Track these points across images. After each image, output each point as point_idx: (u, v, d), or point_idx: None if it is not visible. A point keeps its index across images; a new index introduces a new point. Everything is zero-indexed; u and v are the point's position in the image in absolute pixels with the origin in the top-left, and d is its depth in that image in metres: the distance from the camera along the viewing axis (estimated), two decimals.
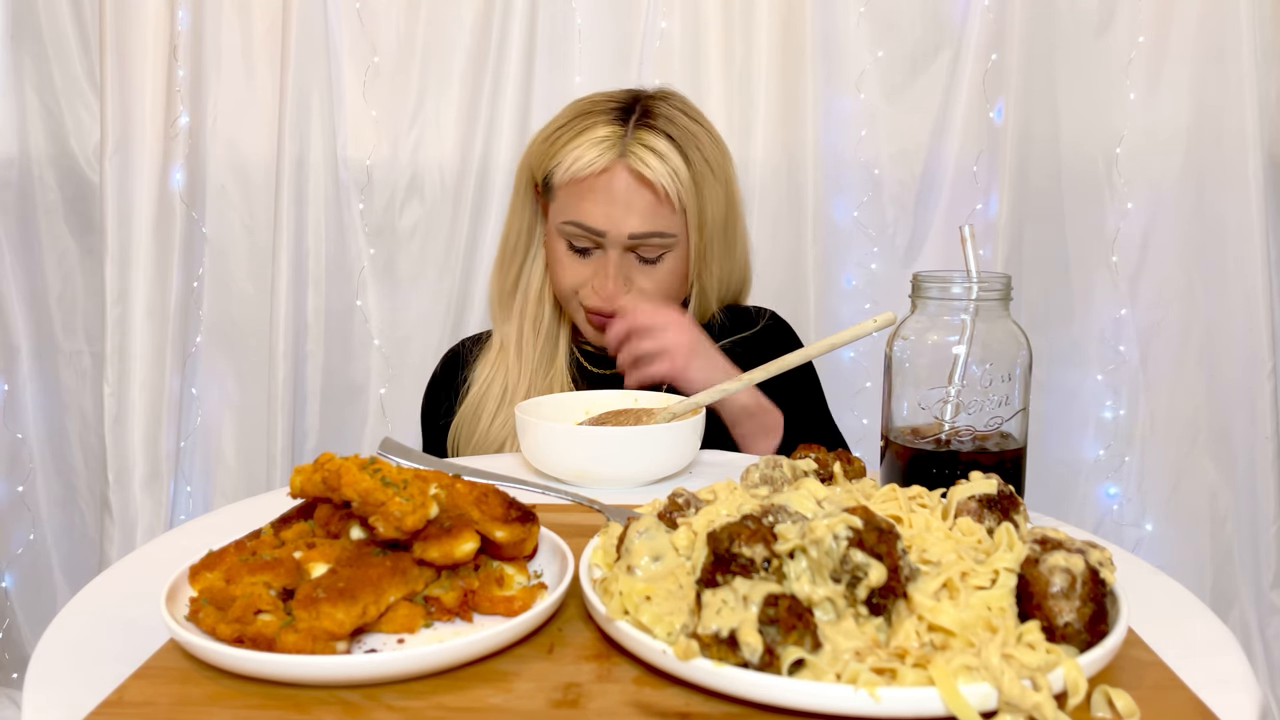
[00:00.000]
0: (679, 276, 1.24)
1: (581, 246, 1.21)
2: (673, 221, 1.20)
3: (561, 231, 1.22)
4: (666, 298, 1.23)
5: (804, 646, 0.47)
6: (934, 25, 1.69)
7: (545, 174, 1.23)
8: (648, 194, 1.18)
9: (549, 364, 1.26)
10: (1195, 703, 0.49)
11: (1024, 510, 0.63)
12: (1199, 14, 1.65)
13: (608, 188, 1.18)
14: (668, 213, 1.19)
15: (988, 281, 0.75)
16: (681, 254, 1.23)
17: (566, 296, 1.24)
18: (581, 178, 1.19)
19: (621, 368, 1.15)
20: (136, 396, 1.74)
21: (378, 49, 1.73)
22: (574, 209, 1.19)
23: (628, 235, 1.18)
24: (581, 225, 1.19)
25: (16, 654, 1.85)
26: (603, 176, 1.18)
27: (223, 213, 1.78)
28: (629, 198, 1.18)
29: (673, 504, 0.63)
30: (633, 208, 1.18)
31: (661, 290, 1.22)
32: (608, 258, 1.19)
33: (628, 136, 1.19)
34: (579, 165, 1.18)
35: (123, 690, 0.50)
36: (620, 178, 1.18)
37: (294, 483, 0.62)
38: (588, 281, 1.21)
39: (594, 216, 1.18)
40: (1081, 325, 1.75)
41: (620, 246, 1.19)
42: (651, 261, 1.21)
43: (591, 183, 1.18)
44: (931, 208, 1.72)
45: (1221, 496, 1.72)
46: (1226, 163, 1.65)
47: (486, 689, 0.50)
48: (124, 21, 1.68)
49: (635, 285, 1.21)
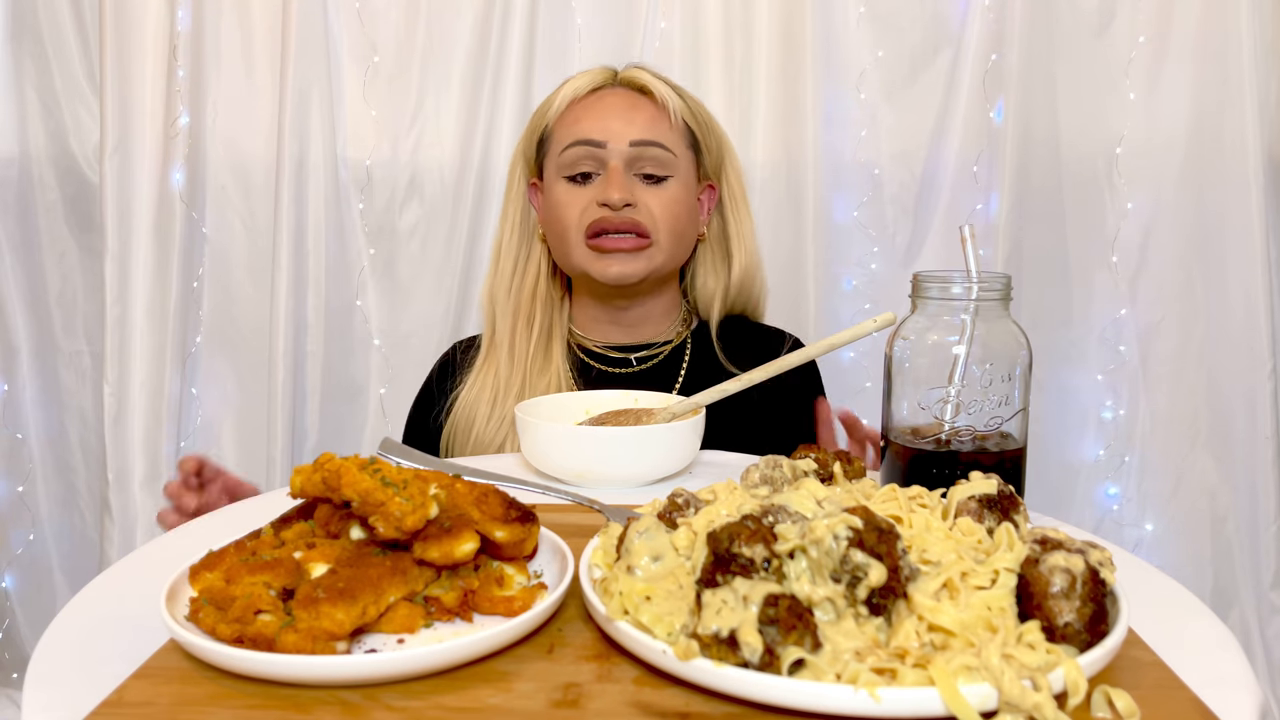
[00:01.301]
0: (685, 209, 1.20)
1: (582, 171, 1.18)
2: (673, 138, 1.19)
3: (560, 165, 1.19)
4: (675, 230, 1.19)
5: (804, 646, 0.47)
6: (934, 25, 1.69)
7: (540, 131, 1.22)
8: (646, 104, 1.18)
9: (544, 363, 1.23)
10: (1195, 703, 0.49)
11: (1024, 510, 0.63)
12: (1199, 14, 1.65)
13: (604, 102, 1.18)
14: (666, 127, 1.18)
15: (988, 281, 0.75)
16: (685, 186, 1.20)
17: (569, 233, 1.18)
18: (579, 98, 1.19)
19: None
20: (136, 396, 1.74)
21: (378, 49, 1.73)
22: (572, 131, 1.18)
23: (629, 142, 1.16)
24: (581, 141, 1.16)
25: (16, 654, 1.85)
26: (598, 93, 1.19)
27: (223, 213, 1.78)
28: (627, 110, 1.17)
29: (672, 504, 0.63)
30: (632, 120, 1.17)
31: (668, 216, 1.18)
32: (609, 170, 1.16)
33: (624, 71, 1.23)
34: (574, 89, 1.20)
35: (123, 690, 0.50)
36: (617, 93, 1.19)
37: (294, 483, 0.62)
38: (591, 203, 1.17)
39: (593, 130, 1.16)
40: (1081, 325, 1.75)
41: (622, 158, 1.16)
42: (657, 180, 1.18)
43: (588, 101, 1.19)
44: (931, 208, 1.72)
45: (1221, 496, 1.72)
46: (1226, 163, 1.65)
47: (486, 689, 0.50)
48: (124, 21, 1.68)
49: (640, 201, 1.17)
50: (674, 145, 1.18)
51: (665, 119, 1.18)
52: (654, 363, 1.25)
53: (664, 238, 1.18)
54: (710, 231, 1.28)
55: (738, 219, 1.28)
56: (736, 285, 1.28)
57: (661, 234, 1.17)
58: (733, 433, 1.16)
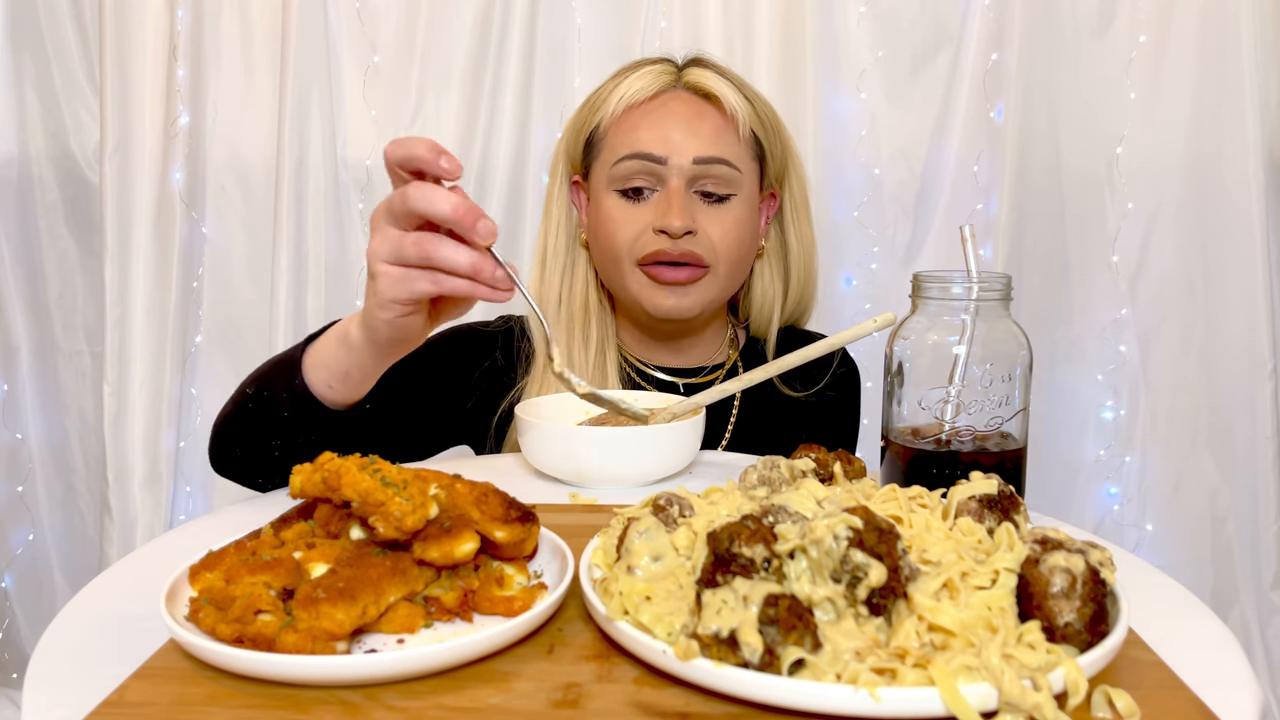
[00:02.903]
0: (748, 231, 1.09)
1: (637, 187, 1.06)
2: (739, 152, 1.06)
3: (613, 177, 1.06)
4: (736, 256, 1.08)
5: (804, 646, 0.47)
6: (934, 25, 1.70)
7: (590, 131, 1.10)
8: (711, 114, 1.06)
9: (601, 380, 1.13)
10: (1195, 703, 0.49)
11: (1024, 510, 0.63)
12: (1199, 14, 1.65)
13: (665, 109, 1.05)
14: (733, 140, 1.06)
15: (988, 281, 0.75)
16: (748, 204, 1.08)
17: (620, 256, 1.07)
18: (637, 103, 1.06)
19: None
20: (136, 396, 1.74)
21: (378, 49, 1.73)
22: (628, 142, 1.05)
23: (691, 160, 1.04)
24: (638, 154, 1.04)
25: (16, 654, 1.86)
26: (659, 99, 1.06)
27: (223, 213, 1.79)
28: (691, 121, 1.05)
29: (655, 506, 0.62)
30: (697, 132, 1.04)
31: (729, 243, 1.06)
32: (669, 190, 1.04)
33: (683, 70, 1.10)
34: (632, 93, 1.06)
35: (123, 690, 0.50)
36: (680, 98, 1.06)
37: (294, 483, 0.62)
38: (647, 227, 1.05)
39: (652, 142, 1.04)
40: (1081, 325, 1.75)
41: (684, 177, 1.04)
42: (719, 200, 1.06)
43: (647, 108, 1.06)
44: (931, 208, 1.72)
45: (1221, 496, 1.73)
46: (1226, 163, 1.65)
47: (486, 689, 0.50)
48: (124, 21, 1.68)
49: (700, 228, 1.05)
50: (739, 159, 1.07)
51: (732, 130, 1.07)
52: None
53: (723, 266, 1.07)
54: (769, 243, 1.18)
55: (799, 230, 1.17)
56: (794, 301, 1.19)
57: (721, 263, 1.07)
58: (767, 442, 1.14)
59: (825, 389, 1.18)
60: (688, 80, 1.09)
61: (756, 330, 1.21)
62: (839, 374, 1.21)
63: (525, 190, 1.74)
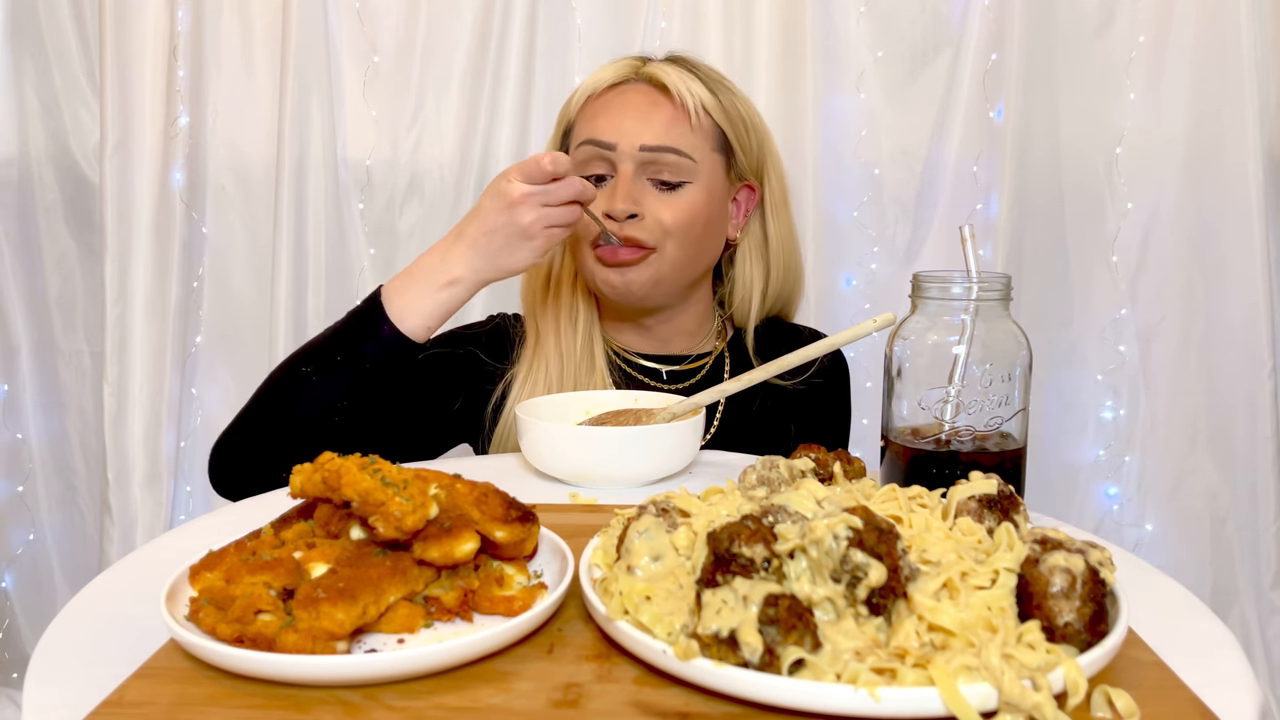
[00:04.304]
0: (704, 215, 1.11)
1: (597, 174, 1.10)
2: (692, 141, 1.10)
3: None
4: (688, 239, 1.10)
5: (804, 646, 0.47)
6: (934, 25, 1.69)
7: (567, 123, 1.16)
8: (665, 105, 1.10)
9: (590, 363, 1.16)
10: (1195, 703, 0.49)
11: (1024, 510, 0.63)
12: (1199, 14, 1.65)
13: (621, 99, 1.11)
14: (686, 130, 1.09)
15: (988, 281, 0.75)
16: (707, 192, 1.11)
17: (580, 239, 1.12)
18: (597, 93, 1.12)
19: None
20: (136, 396, 1.74)
21: (378, 49, 1.73)
22: (586, 129, 1.11)
23: (639, 146, 1.08)
24: (592, 140, 1.09)
25: (16, 654, 1.86)
26: (617, 89, 1.12)
27: (223, 213, 1.79)
28: (644, 110, 1.09)
29: (656, 508, 0.62)
30: (647, 120, 1.09)
31: (681, 224, 1.09)
32: (619, 175, 1.09)
33: (649, 64, 1.14)
34: (593, 83, 1.13)
35: (123, 690, 0.50)
36: (636, 89, 1.12)
37: (294, 483, 0.62)
38: (599, 212, 1.09)
39: (605, 129, 1.09)
40: (1081, 325, 1.75)
41: (633, 162, 1.08)
42: (671, 187, 1.09)
43: (606, 98, 1.12)
44: (931, 208, 1.72)
45: (1221, 496, 1.73)
46: (1226, 163, 1.65)
47: (486, 689, 0.50)
48: (124, 21, 1.68)
49: (649, 211, 1.09)
50: (694, 149, 1.10)
51: (685, 121, 1.10)
52: (695, 380, 1.18)
53: (670, 245, 1.10)
54: (750, 235, 1.20)
55: (778, 221, 1.20)
56: (774, 292, 1.22)
57: (669, 243, 1.10)
58: (760, 435, 1.15)
59: (812, 377, 1.20)
60: (645, 72, 1.13)
61: (739, 320, 1.23)
62: (825, 362, 1.22)
63: None
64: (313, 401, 0.99)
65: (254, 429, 1.01)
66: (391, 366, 1.01)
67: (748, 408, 1.18)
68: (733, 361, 1.21)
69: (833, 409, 1.25)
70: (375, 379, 1.00)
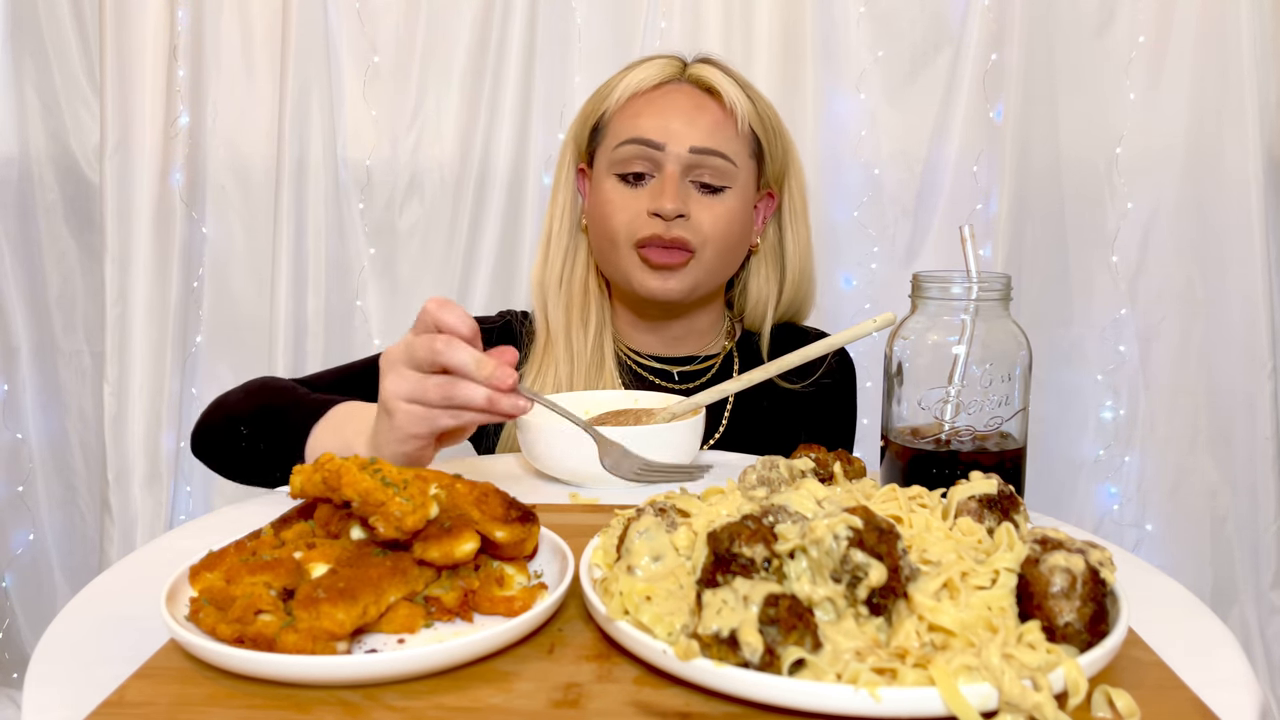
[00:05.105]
0: (739, 223, 1.12)
1: (636, 172, 1.10)
2: (736, 147, 1.11)
3: (613, 161, 1.11)
4: (725, 245, 1.11)
5: (804, 646, 0.47)
6: (934, 25, 1.70)
7: (597, 118, 1.14)
8: (712, 108, 1.10)
9: (599, 362, 1.16)
10: (1195, 703, 0.49)
11: (1024, 510, 0.63)
12: (1199, 14, 1.65)
13: (666, 99, 1.10)
14: (731, 134, 1.10)
15: (988, 281, 0.75)
16: (743, 198, 1.12)
17: (617, 238, 1.10)
18: (641, 92, 1.11)
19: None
20: (136, 396, 1.74)
21: (378, 49, 1.73)
22: (629, 127, 1.10)
23: (689, 149, 1.08)
24: (638, 139, 1.08)
25: (16, 654, 1.86)
26: (662, 89, 1.11)
27: (222, 213, 1.79)
28: (690, 112, 1.09)
29: (655, 509, 0.62)
30: (694, 122, 1.09)
31: (720, 232, 1.10)
32: (665, 175, 1.08)
33: (689, 66, 1.14)
34: (638, 81, 1.11)
35: (123, 690, 0.50)
36: (682, 90, 1.11)
37: (294, 483, 0.62)
38: (642, 211, 1.08)
39: (652, 129, 1.08)
40: (1081, 325, 1.75)
41: (679, 163, 1.08)
42: (713, 191, 1.10)
43: (650, 96, 1.11)
44: (931, 208, 1.72)
45: (1221, 496, 1.73)
46: (1226, 162, 1.65)
47: (486, 689, 0.50)
48: (124, 21, 1.68)
49: (692, 213, 1.09)
50: (736, 154, 1.10)
51: (731, 125, 1.11)
52: (703, 380, 1.19)
53: (709, 252, 1.10)
54: (765, 241, 1.20)
55: (795, 231, 1.20)
56: (789, 299, 1.22)
57: (707, 248, 1.10)
58: (768, 435, 1.14)
59: (821, 378, 1.20)
60: (692, 74, 1.13)
61: (751, 325, 1.23)
62: (833, 364, 1.23)
63: (525, 190, 1.74)
64: (247, 457, 0.94)
65: (221, 437, 0.97)
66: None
67: (756, 408, 1.18)
68: (741, 361, 1.22)
69: (840, 410, 1.26)
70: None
